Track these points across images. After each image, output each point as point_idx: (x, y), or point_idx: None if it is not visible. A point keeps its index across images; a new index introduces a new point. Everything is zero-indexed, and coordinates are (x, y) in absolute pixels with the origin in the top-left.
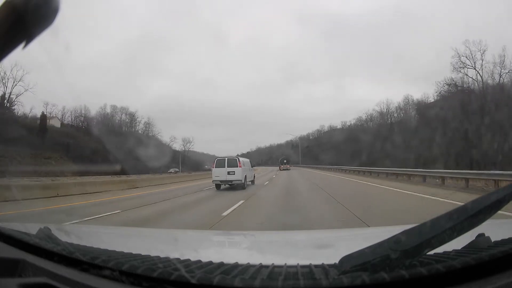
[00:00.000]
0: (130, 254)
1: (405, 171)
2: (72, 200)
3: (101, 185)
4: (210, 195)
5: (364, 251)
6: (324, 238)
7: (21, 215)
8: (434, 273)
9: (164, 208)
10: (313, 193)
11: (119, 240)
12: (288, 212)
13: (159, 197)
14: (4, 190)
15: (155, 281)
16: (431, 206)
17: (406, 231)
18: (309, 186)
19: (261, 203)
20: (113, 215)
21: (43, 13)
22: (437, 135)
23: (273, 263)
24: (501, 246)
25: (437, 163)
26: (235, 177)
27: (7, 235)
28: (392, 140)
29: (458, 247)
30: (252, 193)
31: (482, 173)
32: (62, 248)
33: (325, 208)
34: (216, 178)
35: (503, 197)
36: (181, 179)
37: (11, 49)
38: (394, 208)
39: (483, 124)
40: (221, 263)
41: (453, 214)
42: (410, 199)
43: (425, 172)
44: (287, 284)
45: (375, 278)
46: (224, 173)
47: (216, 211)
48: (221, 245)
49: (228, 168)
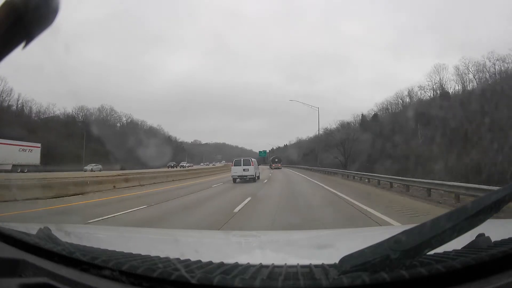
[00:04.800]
0: (130, 254)
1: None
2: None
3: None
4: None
5: (364, 251)
6: (324, 238)
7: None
8: (434, 273)
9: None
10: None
11: (119, 240)
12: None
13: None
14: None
15: (155, 281)
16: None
17: (406, 231)
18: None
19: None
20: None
21: (43, 13)
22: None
23: (273, 263)
24: (501, 246)
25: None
26: (249, 173)
27: (7, 235)
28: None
29: (458, 247)
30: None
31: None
32: (62, 248)
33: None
34: (235, 174)
35: (503, 197)
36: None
37: (11, 49)
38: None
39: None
40: (221, 263)
41: (453, 214)
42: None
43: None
44: (287, 284)
45: (375, 278)
46: (241, 170)
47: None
48: (221, 245)
49: (243, 166)
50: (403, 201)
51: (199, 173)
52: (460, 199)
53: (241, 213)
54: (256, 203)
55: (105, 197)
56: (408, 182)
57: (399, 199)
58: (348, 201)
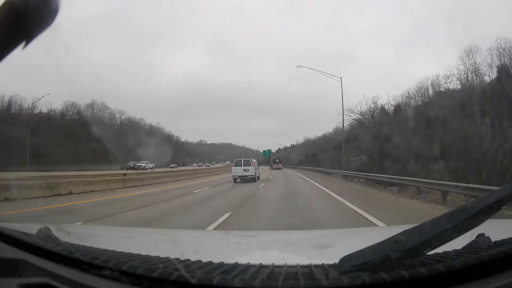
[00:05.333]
0: (130, 254)
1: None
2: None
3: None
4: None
5: (364, 251)
6: (324, 238)
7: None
8: (434, 273)
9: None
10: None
11: (119, 240)
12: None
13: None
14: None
15: (155, 281)
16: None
17: (406, 231)
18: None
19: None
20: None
21: (43, 13)
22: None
23: (273, 263)
24: (501, 246)
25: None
26: (249, 173)
27: (7, 235)
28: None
29: (458, 247)
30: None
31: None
32: (62, 248)
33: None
34: (235, 174)
35: (503, 197)
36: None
37: (11, 49)
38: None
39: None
40: (221, 263)
41: (453, 214)
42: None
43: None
44: (287, 284)
45: (375, 278)
46: (241, 170)
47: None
48: (221, 245)
49: (244, 166)
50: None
51: (183, 175)
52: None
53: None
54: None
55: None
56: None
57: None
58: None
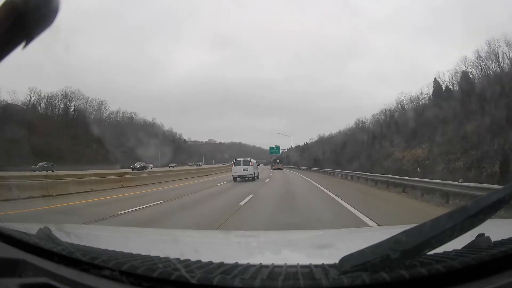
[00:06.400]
0: (130, 254)
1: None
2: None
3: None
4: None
5: (364, 251)
6: (324, 238)
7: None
8: (434, 273)
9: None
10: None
11: (119, 240)
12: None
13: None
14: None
15: (155, 281)
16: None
17: (406, 231)
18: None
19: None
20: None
21: (43, 13)
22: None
23: (273, 263)
24: (501, 246)
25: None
26: (248, 172)
27: (7, 235)
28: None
29: (458, 247)
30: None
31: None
32: (62, 248)
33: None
34: (235, 173)
35: (503, 197)
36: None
37: (11, 49)
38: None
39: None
40: (221, 263)
41: (453, 214)
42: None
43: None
44: (287, 284)
45: (375, 278)
46: (240, 170)
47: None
48: (221, 245)
49: (243, 166)
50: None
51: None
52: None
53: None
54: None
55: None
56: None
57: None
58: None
